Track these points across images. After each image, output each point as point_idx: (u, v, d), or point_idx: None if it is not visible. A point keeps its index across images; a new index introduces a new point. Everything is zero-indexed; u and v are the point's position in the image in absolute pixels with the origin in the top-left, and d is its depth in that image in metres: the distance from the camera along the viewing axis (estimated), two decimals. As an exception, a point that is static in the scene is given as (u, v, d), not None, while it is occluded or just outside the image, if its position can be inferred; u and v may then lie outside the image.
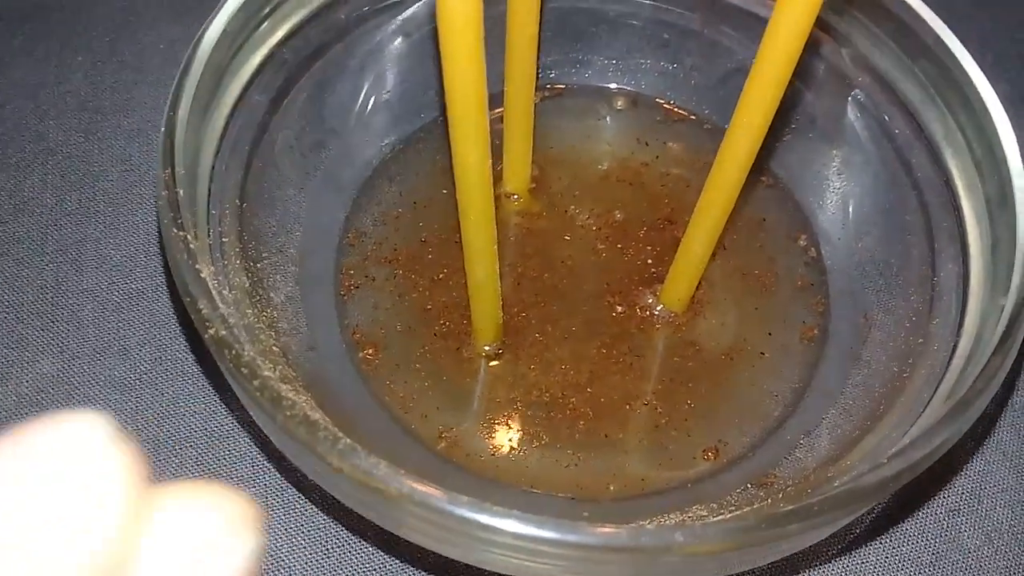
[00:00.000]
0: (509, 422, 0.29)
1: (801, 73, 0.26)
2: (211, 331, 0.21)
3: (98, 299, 0.32)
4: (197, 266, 0.22)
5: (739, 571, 0.26)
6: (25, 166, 0.35)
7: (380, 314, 0.30)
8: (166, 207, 0.23)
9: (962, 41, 0.28)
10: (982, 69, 0.28)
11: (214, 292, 0.22)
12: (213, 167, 0.26)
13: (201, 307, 0.21)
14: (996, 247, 0.26)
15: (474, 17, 0.21)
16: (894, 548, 0.29)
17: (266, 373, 0.21)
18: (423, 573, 0.27)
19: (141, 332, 0.31)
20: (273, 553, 0.27)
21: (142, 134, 0.36)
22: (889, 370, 0.28)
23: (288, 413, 0.20)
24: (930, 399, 0.25)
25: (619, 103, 0.36)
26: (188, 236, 0.22)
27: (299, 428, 0.20)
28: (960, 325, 0.26)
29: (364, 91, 0.32)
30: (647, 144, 0.35)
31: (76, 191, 0.34)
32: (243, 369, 0.21)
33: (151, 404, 0.30)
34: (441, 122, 0.34)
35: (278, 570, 0.27)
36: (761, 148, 0.26)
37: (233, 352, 0.21)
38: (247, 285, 0.26)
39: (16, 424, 0.27)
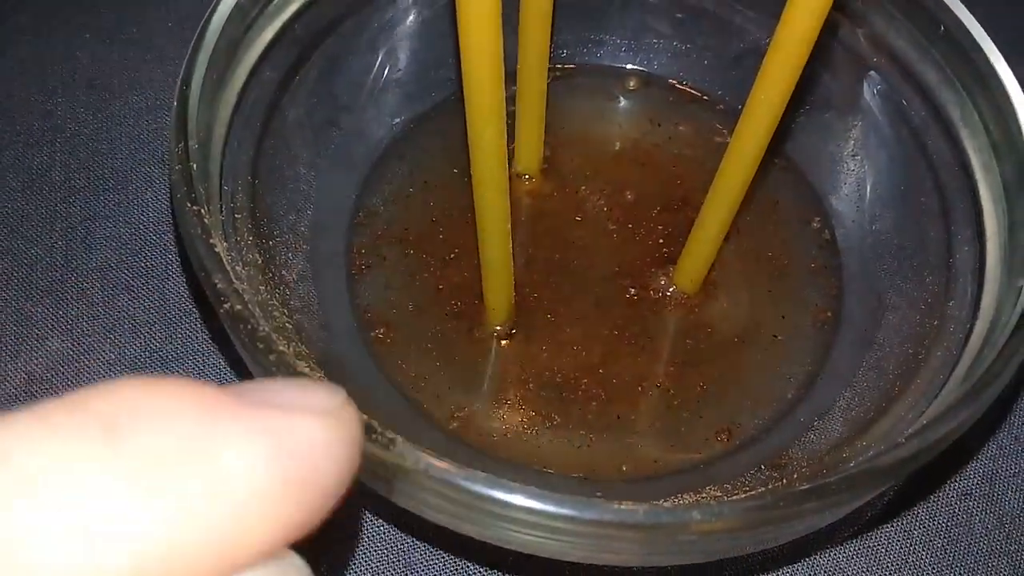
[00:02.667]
0: (521, 402, 0.29)
1: (816, 53, 0.26)
2: (226, 305, 0.21)
3: (108, 277, 0.32)
4: (211, 241, 0.22)
5: (753, 551, 0.26)
6: (33, 143, 0.35)
7: (392, 293, 0.30)
8: (180, 181, 0.22)
9: (980, 21, 0.28)
10: (1002, 48, 0.28)
11: (228, 267, 0.22)
12: (225, 143, 0.26)
13: (216, 281, 0.21)
14: (1013, 229, 0.26)
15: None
16: (906, 531, 0.29)
17: (281, 348, 0.21)
18: (437, 550, 0.27)
19: (151, 310, 0.31)
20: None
21: (151, 112, 0.36)
22: (904, 353, 0.27)
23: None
24: (945, 381, 0.25)
25: (631, 83, 0.36)
26: (202, 211, 0.22)
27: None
28: (976, 308, 0.26)
29: (375, 69, 0.32)
30: (659, 124, 0.35)
31: (85, 169, 0.34)
32: (259, 344, 0.20)
33: (160, 382, 0.30)
34: (452, 101, 0.34)
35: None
36: (775, 129, 0.26)
37: (248, 326, 0.21)
38: (260, 262, 0.25)
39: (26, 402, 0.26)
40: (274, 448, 0.11)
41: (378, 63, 0.32)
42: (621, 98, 0.35)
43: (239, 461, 0.11)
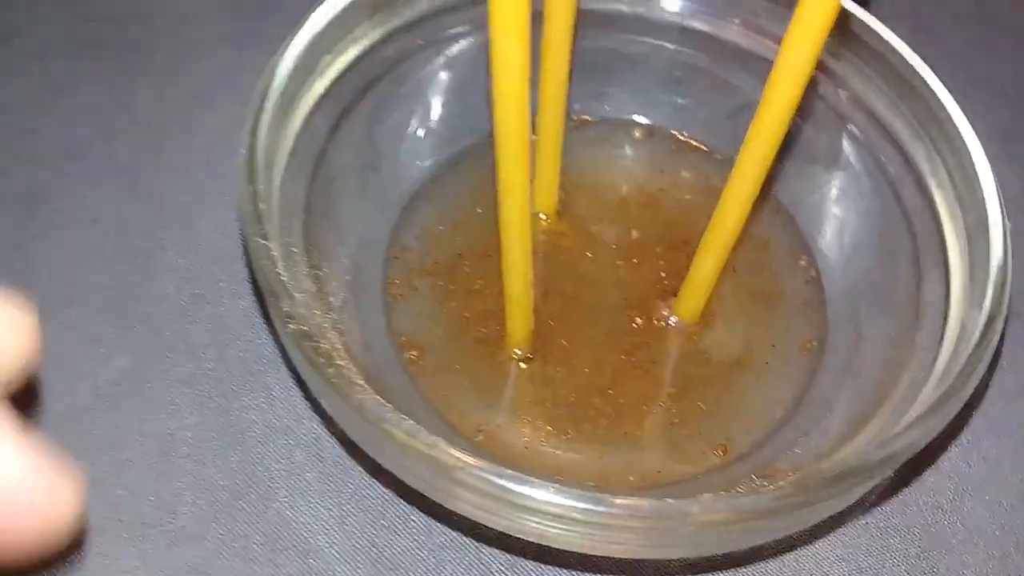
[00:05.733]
0: (539, 419, 0.32)
1: (803, 111, 0.29)
2: (293, 326, 0.24)
3: (166, 303, 0.35)
4: (278, 270, 0.25)
5: (744, 547, 0.29)
6: (97, 181, 0.38)
7: (423, 320, 0.33)
8: (251, 219, 0.26)
9: (952, 79, 0.32)
10: (970, 106, 0.31)
11: (292, 294, 0.25)
12: (282, 184, 0.29)
13: (284, 306, 0.25)
14: (974, 270, 0.29)
15: (524, 60, 0.24)
16: (884, 541, 0.32)
17: (340, 363, 0.24)
18: (470, 539, 0.30)
19: (205, 333, 0.34)
20: (328, 519, 0.31)
21: (203, 153, 0.39)
22: (878, 378, 0.31)
23: (361, 397, 0.23)
24: (913, 402, 0.28)
25: (637, 134, 0.39)
26: (269, 245, 0.26)
27: (374, 409, 0.23)
28: (941, 339, 0.29)
29: (411, 119, 0.36)
30: (663, 171, 0.38)
31: (145, 205, 0.37)
32: (321, 359, 0.24)
33: (215, 398, 0.33)
34: (477, 147, 0.37)
35: (339, 533, 0.30)
36: (767, 177, 0.29)
37: (313, 344, 0.24)
38: (314, 290, 0.29)
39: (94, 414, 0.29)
40: None
41: (413, 114, 0.36)
42: (628, 147, 0.39)
43: None
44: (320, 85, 0.32)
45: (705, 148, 0.39)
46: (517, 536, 0.26)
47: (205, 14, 0.44)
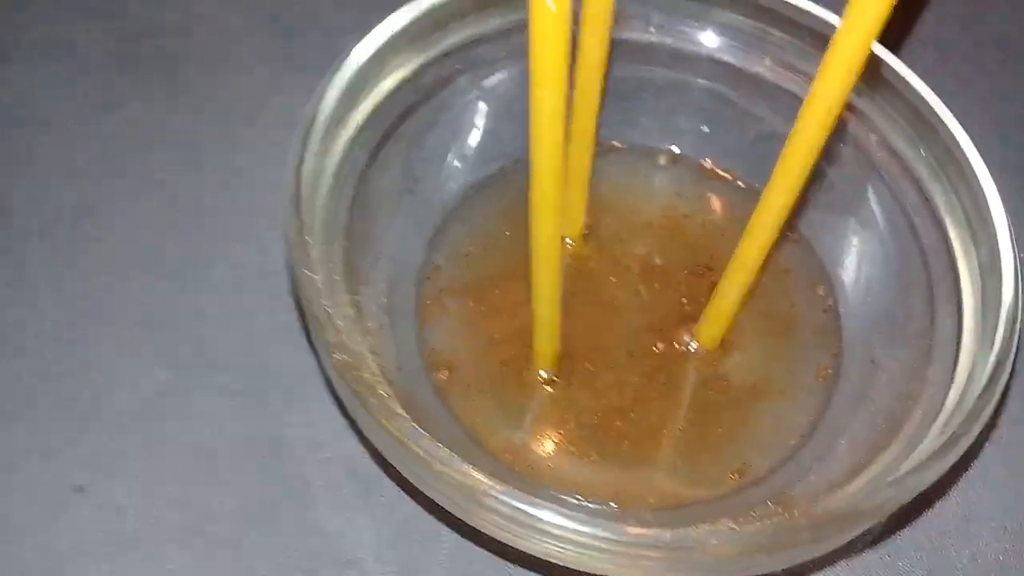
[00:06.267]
0: (563, 439, 0.33)
1: (828, 146, 0.30)
2: (336, 356, 0.26)
3: (207, 317, 0.37)
4: (323, 301, 0.27)
5: (759, 572, 0.30)
6: (135, 196, 0.39)
7: (453, 341, 0.35)
8: (298, 251, 0.27)
9: (971, 109, 0.33)
10: (987, 137, 0.32)
11: (335, 323, 0.27)
12: (325, 212, 0.31)
13: (329, 336, 0.26)
14: (986, 308, 0.30)
15: (560, 108, 0.25)
16: (891, 562, 0.33)
17: (381, 392, 0.25)
18: (498, 557, 0.32)
19: (245, 347, 0.36)
20: (364, 532, 0.32)
21: (243, 171, 0.40)
22: (891, 409, 0.32)
23: (400, 426, 0.25)
24: (924, 436, 0.29)
25: (662, 160, 0.40)
26: (315, 276, 0.27)
27: (411, 439, 0.24)
28: (953, 374, 0.30)
29: (447, 144, 0.37)
30: (687, 198, 0.39)
31: (183, 219, 0.39)
32: (364, 388, 0.25)
33: (254, 411, 0.35)
34: (506, 172, 0.39)
35: (373, 546, 0.32)
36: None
37: (356, 374, 0.25)
38: (353, 315, 0.30)
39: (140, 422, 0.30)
40: None
41: (449, 139, 0.37)
42: (653, 174, 0.40)
43: None
44: (360, 114, 0.33)
45: (729, 176, 0.40)
46: (542, 557, 0.27)
47: (245, 32, 0.45)
